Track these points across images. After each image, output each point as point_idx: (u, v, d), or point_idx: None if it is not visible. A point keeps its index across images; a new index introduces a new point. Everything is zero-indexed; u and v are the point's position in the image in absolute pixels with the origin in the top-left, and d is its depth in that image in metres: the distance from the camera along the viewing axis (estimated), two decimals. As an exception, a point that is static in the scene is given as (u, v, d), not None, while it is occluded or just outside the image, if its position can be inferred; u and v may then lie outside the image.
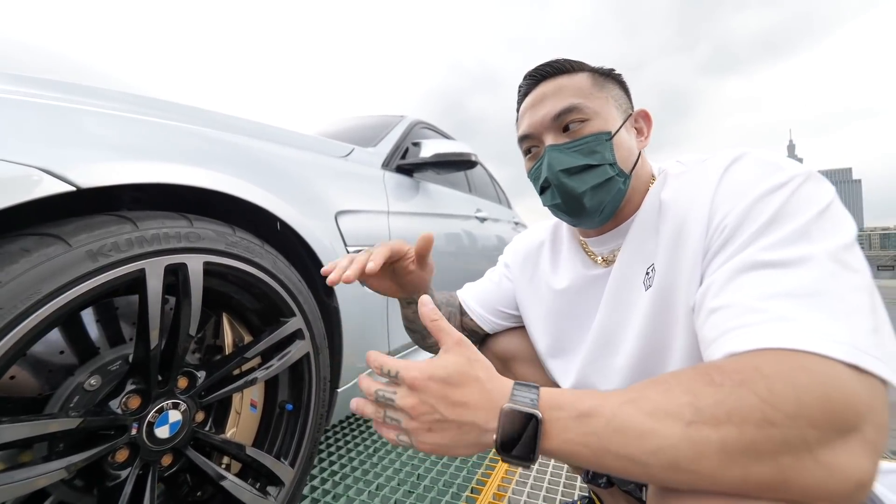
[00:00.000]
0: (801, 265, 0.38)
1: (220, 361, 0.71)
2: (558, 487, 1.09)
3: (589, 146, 0.56)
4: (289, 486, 0.78)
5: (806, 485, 0.31)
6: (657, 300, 0.52)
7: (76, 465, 0.52)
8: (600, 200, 0.57)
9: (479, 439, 0.39)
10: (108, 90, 0.66)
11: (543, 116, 0.58)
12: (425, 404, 0.39)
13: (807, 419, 0.31)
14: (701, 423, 0.33)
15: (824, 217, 0.40)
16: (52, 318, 0.49)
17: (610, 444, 0.35)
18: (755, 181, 0.45)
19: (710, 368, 0.36)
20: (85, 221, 0.54)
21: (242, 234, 0.72)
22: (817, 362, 0.33)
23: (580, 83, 0.58)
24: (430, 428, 0.39)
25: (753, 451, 0.32)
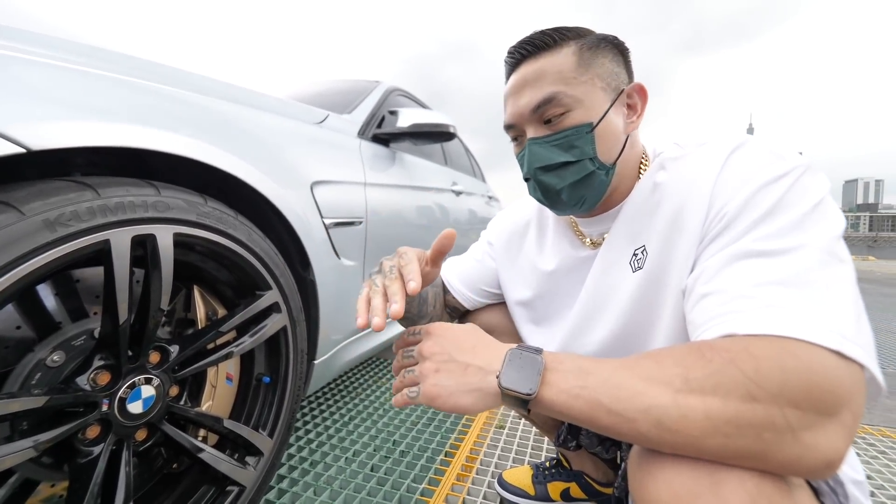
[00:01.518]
0: (792, 255, 0.40)
1: (193, 335, 0.69)
2: (526, 450, 1.16)
3: (568, 140, 0.54)
4: (268, 455, 0.78)
5: (783, 459, 0.34)
6: (646, 282, 0.54)
7: (45, 444, 0.50)
8: (580, 195, 0.57)
9: (482, 383, 0.44)
10: (56, 39, 0.60)
11: (523, 108, 0.56)
12: (438, 345, 0.47)
13: (789, 400, 0.34)
14: (689, 391, 0.36)
15: (818, 210, 0.42)
16: (8, 293, 0.46)
17: (603, 399, 0.38)
18: (757, 170, 0.46)
19: (703, 346, 0.38)
20: (38, 187, 0.50)
21: (214, 205, 0.68)
22: (805, 349, 0.35)
23: (562, 64, 0.54)
24: (437, 369, 0.46)
25: (735, 423, 0.34)
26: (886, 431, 1.34)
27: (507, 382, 0.41)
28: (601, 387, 0.39)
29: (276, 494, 0.93)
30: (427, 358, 0.47)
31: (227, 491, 0.73)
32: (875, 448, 1.23)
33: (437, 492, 0.95)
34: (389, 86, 1.70)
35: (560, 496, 0.92)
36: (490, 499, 0.95)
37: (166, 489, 0.73)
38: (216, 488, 0.73)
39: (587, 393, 0.39)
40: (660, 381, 0.37)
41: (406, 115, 1.42)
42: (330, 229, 1.00)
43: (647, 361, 0.39)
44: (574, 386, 0.40)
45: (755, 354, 0.35)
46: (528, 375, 0.41)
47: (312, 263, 0.92)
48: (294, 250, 0.91)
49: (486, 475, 1.03)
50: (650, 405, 0.36)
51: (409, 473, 1.03)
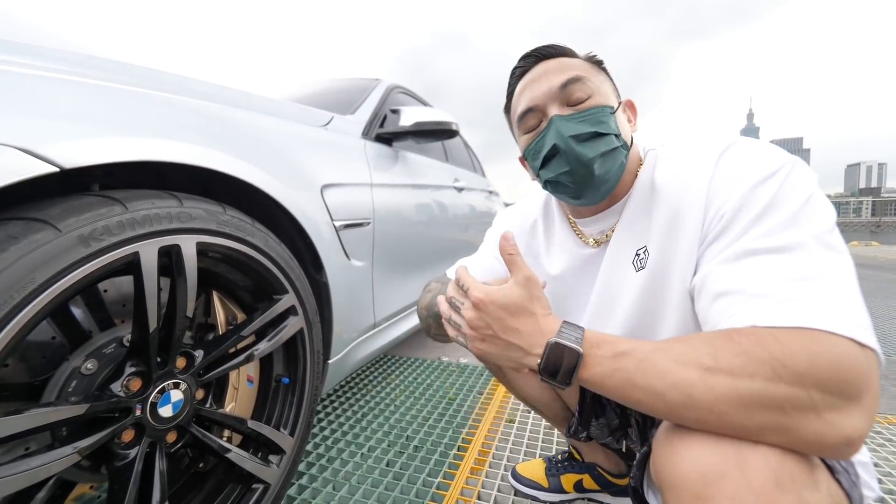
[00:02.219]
0: (795, 251, 0.42)
1: (216, 340, 0.71)
2: (537, 443, 1.19)
3: (596, 116, 0.57)
4: (290, 453, 0.81)
5: (806, 435, 0.37)
6: (649, 282, 0.56)
7: (86, 450, 0.52)
8: (608, 169, 0.57)
9: (522, 360, 0.47)
10: (74, 54, 0.61)
11: (550, 87, 0.59)
12: (482, 321, 0.48)
13: (814, 381, 0.36)
14: (717, 369, 0.38)
15: (810, 204, 0.45)
16: (49, 307, 0.48)
17: (636, 378, 0.41)
18: (749, 170, 0.48)
19: (732, 331, 0.41)
20: (70, 204, 0.52)
21: (233, 213, 0.70)
22: (826, 337, 0.37)
23: (580, 63, 0.61)
24: (483, 338, 0.49)
25: (760, 401, 0.37)
26: (893, 419, 1.35)
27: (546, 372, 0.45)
28: (635, 368, 0.41)
29: (296, 490, 0.96)
30: (472, 327, 0.49)
31: (252, 489, 0.76)
32: (882, 436, 1.24)
33: (452, 485, 0.98)
34: (390, 83, 1.71)
35: (573, 488, 0.95)
36: (504, 491, 0.98)
37: (194, 488, 0.76)
38: (242, 486, 0.76)
39: (621, 374, 0.42)
40: (690, 361, 0.39)
41: (408, 113, 1.43)
42: (340, 231, 1.02)
43: (679, 344, 0.42)
44: (610, 368, 0.43)
45: (781, 340, 0.38)
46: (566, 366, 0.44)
47: (325, 266, 0.94)
48: (307, 253, 0.93)
49: (499, 468, 1.06)
50: (680, 380, 0.39)
51: (424, 468, 1.05)
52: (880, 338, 2.23)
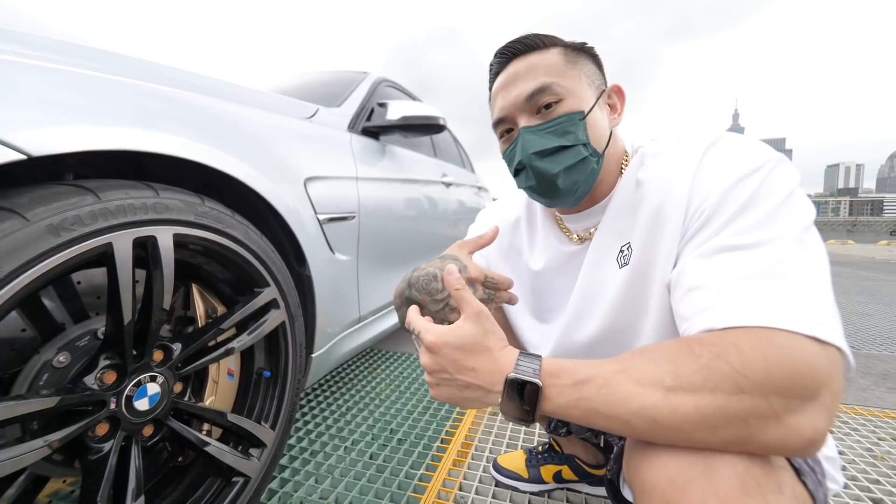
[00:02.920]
0: (767, 247, 0.42)
1: (195, 333, 0.71)
2: (520, 435, 1.20)
3: (562, 126, 0.56)
4: (271, 447, 0.81)
5: (768, 442, 0.37)
6: (632, 278, 0.56)
7: (57, 443, 0.51)
8: (574, 181, 0.58)
9: (484, 399, 0.46)
10: (48, 40, 0.59)
11: (516, 98, 0.58)
12: (437, 364, 0.47)
13: (773, 388, 0.36)
14: (679, 388, 0.38)
15: (789, 201, 0.45)
16: (16, 298, 0.46)
17: (600, 406, 0.40)
18: (731, 167, 0.48)
19: (692, 342, 0.41)
20: (38, 192, 0.50)
21: (212, 204, 0.69)
22: (784, 336, 0.37)
23: (552, 60, 0.58)
24: (438, 383, 0.48)
25: (724, 414, 0.37)
26: (859, 409, 1.41)
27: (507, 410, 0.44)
28: (597, 395, 0.40)
29: (279, 483, 0.96)
30: (430, 373, 0.48)
31: (232, 482, 0.75)
32: (848, 426, 1.29)
33: (434, 477, 0.99)
34: (377, 77, 1.69)
35: (553, 478, 0.97)
36: (486, 482, 0.99)
37: (173, 482, 0.75)
38: (222, 479, 0.75)
39: (584, 403, 0.41)
40: (651, 382, 0.39)
41: (395, 107, 1.42)
42: (324, 225, 1.01)
43: (639, 361, 0.41)
44: (571, 398, 0.42)
45: (741, 347, 0.38)
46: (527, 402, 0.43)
47: (308, 259, 0.93)
48: (289, 246, 0.92)
49: (481, 460, 1.07)
50: (643, 405, 0.39)
51: (407, 460, 1.06)
52: (853, 332, 2.29)
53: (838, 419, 1.33)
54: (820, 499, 0.44)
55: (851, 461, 1.09)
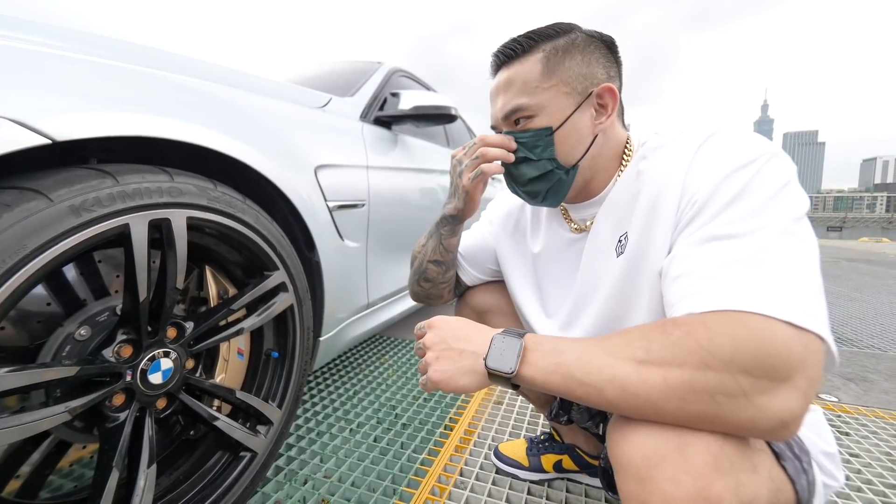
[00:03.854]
0: (753, 237, 0.43)
1: (206, 313, 0.74)
2: (523, 424, 1.22)
3: (531, 140, 0.61)
4: (277, 425, 0.84)
5: (739, 420, 0.38)
6: (628, 266, 0.57)
7: (76, 409, 0.55)
8: (536, 190, 0.63)
9: (475, 366, 0.50)
10: (70, 31, 0.62)
11: (497, 112, 0.64)
12: (437, 336, 0.54)
13: (740, 366, 0.37)
14: (650, 361, 0.40)
15: (782, 194, 0.45)
16: (39, 274, 0.50)
17: (576, 373, 0.43)
18: (725, 158, 0.49)
19: (667, 322, 0.42)
20: (62, 175, 0.53)
21: (224, 189, 0.71)
22: (757, 320, 0.38)
23: (528, 73, 0.59)
24: (438, 356, 0.52)
25: (690, 388, 0.38)
26: (880, 412, 1.37)
27: (491, 363, 0.48)
28: (574, 363, 0.43)
29: (285, 461, 1.00)
30: (430, 348, 0.54)
31: (240, 456, 0.79)
32: (867, 428, 1.26)
33: (436, 462, 1.02)
34: (391, 67, 1.70)
35: (553, 468, 0.98)
36: (486, 469, 1.01)
37: (185, 454, 0.79)
38: (230, 454, 0.79)
39: (562, 369, 0.44)
40: (625, 355, 0.42)
41: (408, 97, 1.43)
42: (334, 212, 1.03)
43: (616, 338, 0.44)
44: (550, 363, 0.45)
45: (710, 327, 0.39)
46: (509, 357, 0.47)
47: (317, 245, 0.96)
48: (299, 232, 0.94)
49: (483, 447, 1.09)
50: (615, 374, 0.41)
51: (410, 444, 1.09)
52: (881, 333, 2.25)
53: (857, 422, 1.31)
54: (802, 486, 0.44)
55: (868, 464, 1.07)
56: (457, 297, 0.90)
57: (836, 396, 1.49)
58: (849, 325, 2.44)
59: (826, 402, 1.44)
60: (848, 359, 1.87)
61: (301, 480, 0.94)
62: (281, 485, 0.92)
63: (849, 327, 2.40)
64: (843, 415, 1.35)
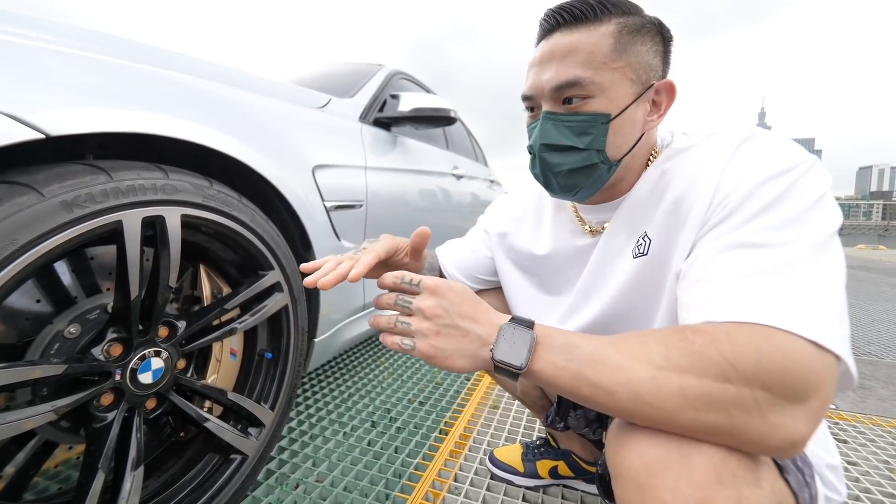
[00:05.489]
0: (783, 248, 0.41)
1: (199, 312, 0.73)
2: (519, 429, 1.21)
3: (582, 125, 0.53)
4: (269, 427, 0.83)
5: (750, 437, 0.37)
6: (646, 268, 0.54)
7: (63, 408, 0.54)
8: (574, 183, 0.56)
9: (478, 351, 0.44)
10: (68, 26, 0.61)
11: (545, 83, 0.53)
12: (441, 307, 0.45)
13: (761, 383, 0.36)
14: (667, 368, 0.38)
15: (817, 207, 0.43)
16: (28, 269, 0.49)
17: (587, 371, 0.40)
18: (764, 163, 0.46)
19: (686, 329, 0.40)
20: (55, 170, 0.53)
21: (220, 188, 0.71)
22: (783, 337, 0.37)
23: (597, 44, 0.51)
24: (438, 331, 0.44)
25: (707, 400, 0.37)
26: (878, 420, 1.37)
27: (499, 355, 0.43)
28: (586, 360, 0.41)
29: (277, 464, 0.99)
30: (428, 318, 0.45)
31: (230, 459, 0.78)
32: (864, 436, 1.26)
33: (430, 466, 1.00)
34: (392, 69, 1.70)
35: (548, 474, 0.97)
36: (481, 475, 1.00)
37: (174, 456, 0.78)
38: (220, 456, 0.78)
39: (573, 366, 0.41)
40: (641, 358, 0.39)
41: (407, 99, 1.43)
42: (331, 212, 1.03)
43: (633, 340, 0.41)
44: (561, 359, 0.41)
45: (734, 339, 0.37)
46: (519, 350, 0.42)
47: (313, 245, 0.95)
48: (296, 232, 0.94)
49: (478, 452, 1.08)
50: (630, 378, 0.39)
51: (405, 449, 1.08)
52: (877, 340, 2.25)
53: (855, 430, 1.30)
54: (804, 499, 0.43)
55: (865, 472, 1.07)
56: None
57: (833, 404, 1.49)
58: (845, 333, 2.44)
59: (823, 411, 1.44)
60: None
61: (293, 484, 0.93)
62: (272, 488, 0.91)
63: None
64: (841, 422, 1.35)
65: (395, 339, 0.46)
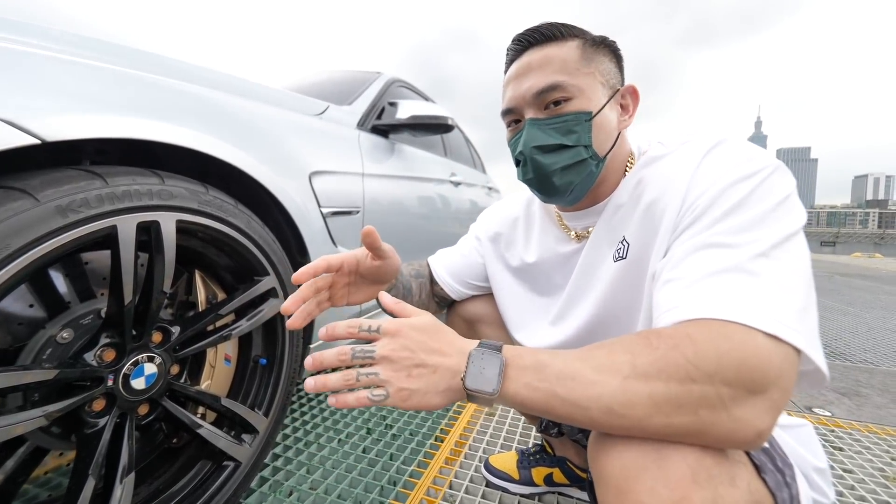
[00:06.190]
0: (747, 248, 0.43)
1: (193, 318, 0.73)
2: (515, 436, 1.20)
3: (567, 125, 0.56)
4: (263, 434, 0.83)
5: (719, 433, 0.38)
6: (626, 270, 0.56)
7: (54, 414, 0.54)
8: (570, 181, 0.58)
9: (450, 384, 0.43)
10: (65, 33, 0.62)
11: (526, 91, 0.57)
12: (406, 349, 0.44)
13: (722, 378, 0.37)
14: (635, 377, 0.39)
15: (781, 207, 0.45)
16: (21, 274, 0.49)
17: (558, 390, 0.41)
18: (730, 168, 0.49)
19: (650, 334, 0.41)
20: (51, 175, 0.53)
21: (215, 193, 0.71)
22: (740, 331, 0.38)
23: (567, 55, 0.57)
24: (409, 374, 0.43)
25: (676, 403, 0.38)
26: (873, 427, 1.37)
27: (470, 384, 0.42)
28: (557, 379, 0.41)
29: (270, 472, 0.98)
30: (394, 361, 0.43)
31: (223, 466, 0.77)
32: (860, 443, 1.26)
33: (425, 474, 1.00)
34: (390, 77, 1.71)
35: (543, 481, 0.97)
36: (476, 482, 0.99)
37: (166, 463, 0.77)
38: (213, 463, 0.77)
39: (544, 385, 0.41)
40: (609, 370, 0.40)
41: (405, 106, 1.44)
42: (327, 218, 1.03)
43: (600, 351, 0.42)
44: (532, 379, 0.42)
45: (695, 339, 0.38)
46: (490, 376, 0.42)
47: (309, 251, 0.95)
48: (292, 238, 0.94)
49: (474, 459, 1.08)
50: (601, 393, 0.39)
51: (400, 456, 1.07)
52: (873, 348, 2.26)
53: (851, 437, 1.30)
54: (783, 499, 0.44)
55: (861, 480, 1.06)
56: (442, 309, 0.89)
57: (829, 411, 1.49)
58: (841, 340, 2.45)
59: (820, 417, 1.43)
60: (841, 373, 1.87)
61: (286, 492, 0.92)
62: (265, 496, 0.90)
63: (841, 341, 2.41)
64: (837, 429, 1.35)
65: (362, 395, 0.43)
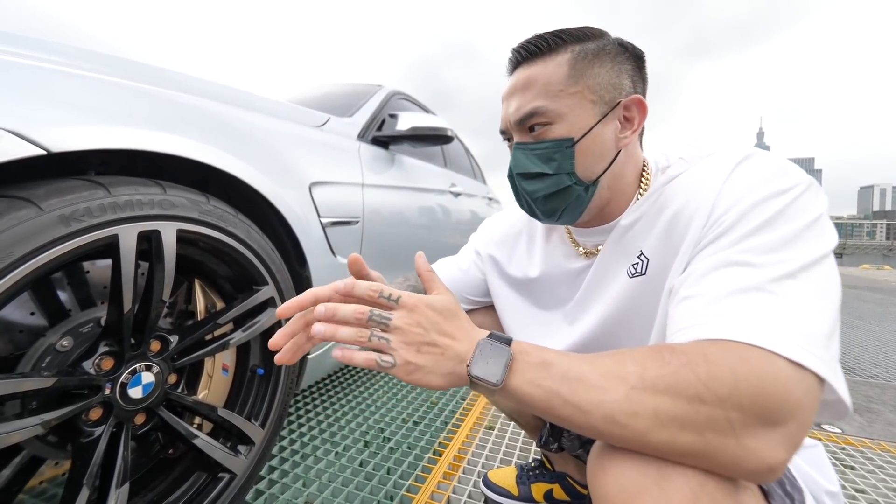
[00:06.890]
0: (775, 269, 0.41)
1: (192, 327, 0.73)
2: (514, 451, 1.19)
3: (548, 153, 0.55)
4: (259, 445, 0.82)
5: (725, 460, 0.36)
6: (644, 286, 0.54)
7: (50, 422, 0.54)
8: (554, 207, 0.58)
9: (455, 368, 0.43)
10: (71, 47, 0.64)
11: (510, 116, 0.58)
12: (419, 326, 0.44)
13: (735, 404, 0.35)
14: (642, 389, 0.37)
15: (812, 228, 0.43)
16: (24, 282, 0.50)
17: (561, 390, 0.40)
18: (761, 183, 0.46)
19: (664, 348, 0.40)
20: (55, 185, 0.54)
21: (216, 203, 0.72)
22: (761, 356, 0.36)
23: (552, 75, 0.54)
24: (418, 349, 0.43)
25: (681, 422, 0.36)
26: (886, 445, 1.33)
27: (475, 371, 0.42)
28: (561, 378, 0.40)
29: (266, 484, 0.97)
30: (406, 334, 0.43)
31: (218, 477, 0.77)
32: (873, 462, 1.23)
33: (422, 489, 0.98)
34: (391, 90, 1.74)
35: (543, 497, 0.95)
36: (475, 498, 0.98)
37: (161, 474, 0.77)
38: (208, 474, 0.77)
39: (547, 383, 0.40)
40: (616, 378, 0.39)
41: (405, 118, 1.46)
42: (327, 228, 1.04)
43: (609, 359, 0.41)
44: (537, 376, 0.41)
45: (711, 359, 0.37)
46: (495, 366, 0.42)
47: (309, 261, 0.96)
48: (291, 248, 0.95)
49: (472, 474, 1.06)
50: (603, 399, 0.38)
51: (397, 470, 1.06)
52: (883, 363, 2.22)
53: (862, 455, 1.27)
54: None
55: (874, 501, 1.03)
56: None
57: (839, 428, 1.45)
58: (851, 354, 2.40)
59: (830, 434, 1.40)
60: (852, 388, 1.83)
61: (282, 504, 0.91)
62: (261, 509, 0.89)
63: (851, 356, 2.37)
64: (848, 447, 1.32)
65: (370, 356, 0.43)
